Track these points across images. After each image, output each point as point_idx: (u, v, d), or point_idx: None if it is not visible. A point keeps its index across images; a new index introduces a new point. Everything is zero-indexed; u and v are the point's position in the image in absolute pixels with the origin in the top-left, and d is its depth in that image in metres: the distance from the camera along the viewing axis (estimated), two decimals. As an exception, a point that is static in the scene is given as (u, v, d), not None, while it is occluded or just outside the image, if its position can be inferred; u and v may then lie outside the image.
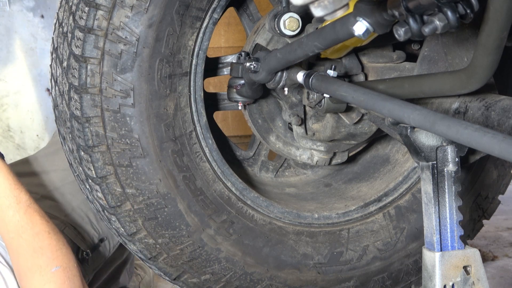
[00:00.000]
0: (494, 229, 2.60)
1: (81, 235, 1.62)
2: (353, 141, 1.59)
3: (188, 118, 1.39)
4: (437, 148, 1.11)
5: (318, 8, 0.75)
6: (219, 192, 1.43)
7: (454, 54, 1.27)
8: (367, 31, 0.90)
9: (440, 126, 0.83)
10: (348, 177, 1.79)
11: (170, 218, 1.37)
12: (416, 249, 1.61)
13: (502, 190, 1.74)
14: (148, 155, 1.33)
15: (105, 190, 1.34)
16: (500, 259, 2.28)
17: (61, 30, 1.35)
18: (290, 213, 1.52)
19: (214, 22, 1.40)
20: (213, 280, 1.46)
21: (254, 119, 1.66)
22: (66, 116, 1.35)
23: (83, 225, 1.63)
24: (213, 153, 1.43)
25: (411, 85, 1.11)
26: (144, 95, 1.31)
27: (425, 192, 1.13)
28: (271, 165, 1.77)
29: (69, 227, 1.60)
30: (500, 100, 1.06)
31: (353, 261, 1.56)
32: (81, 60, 1.29)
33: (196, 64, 1.39)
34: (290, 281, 1.51)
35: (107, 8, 1.27)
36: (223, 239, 1.43)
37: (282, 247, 1.50)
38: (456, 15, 0.80)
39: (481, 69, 0.88)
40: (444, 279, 1.09)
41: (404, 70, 1.51)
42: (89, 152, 1.32)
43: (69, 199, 1.65)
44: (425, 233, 1.13)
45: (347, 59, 1.48)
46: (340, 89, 1.12)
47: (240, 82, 1.47)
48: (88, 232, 1.64)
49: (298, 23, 1.48)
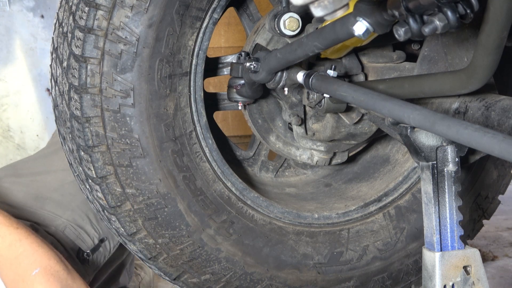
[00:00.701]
0: (494, 229, 2.60)
1: (82, 236, 1.62)
2: (353, 141, 1.59)
3: (188, 118, 1.39)
4: (437, 148, 1.11)
5: (318, 8, 0.75)
6: (219, 192, 1.43)
7: (454, 54, 1.27)
8: (367, 31, 0.90)
9: (440, 126, 0.83)
10: (348, 177, 1.79)
11: (170, 218, 1.37)
12: (416, 249, 1.61)
13: (502, 190, 1.74)
14: (148, 155, 1.33)
15: (105, 190, 1.34)
16: (500, 259, 2.27)
17: (61, 30, 1.35)
18: (290, 213, 1.52)
19: (214, 22, 1.40)
20: (213, 280, 1.46)
21: (254, 119, 1.66)
22: (66, 116, 1.35)
23: (83, 226, 1.63)
24: (213, 153, 1.43)
25: (411, 85, 1.11)
26: (144, 95, 1.31)
27: (425, 192, 1.13)
28: (271, 165, 1.77)
29: (70, 228, 1.60)
30: (500, 100, 1.06)
31: (353, 261, 1.56)
32: (81, 60, 1.29)
33: (196, 64, 1.39)
34: (290, 281, 1.51)
35: (107, 8, 1.27)
36: (223, 239, 1.43)
37: (282, 247, 1.50)
38: (456, 15, 0.80)
39: (481, 69, 0.88)
40: (444, 279, 1.09)
41: (404, 70, 1.51)
42: (89, 152, 1.32)
43: (69, 200, 1.65)
44: (425, 233, 1.13)
45: (347, 59, 1.48)
46: (340, 89, 1.12)
47: (240, 82, 1.47)
48: (89, 232, 1.64)
49: (298, 23, 1.48)
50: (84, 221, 1.64)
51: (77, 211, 1.64)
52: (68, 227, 1.60)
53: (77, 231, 1.61)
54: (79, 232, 1.62)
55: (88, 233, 1.64)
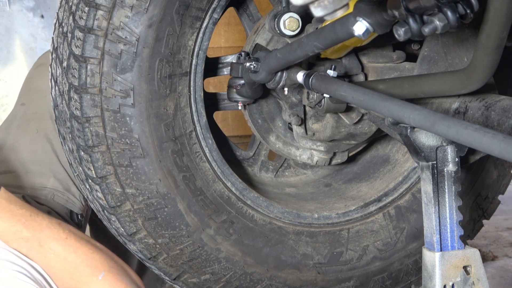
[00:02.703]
0: (494, 229, 2.60)
1: (71, 199, 1.62)
2: (353, 141, 1.59)
3: (188, 118, 1.39)
4: (437, 148, 1.11)
5: (318, 8, 0.75)
6: (219, 192, 1.43)
7: (454, 54, 1.27)
8: (367, 31, 0.90)
9: (440, 126, 0.83)
10: (348, 177, 1.79)
11: (170, 218, 1.37)
12: (416, 249, 1.61)
13: (502, 190, 1.74)
14: (148, 155, 1.33)
15: (105, 190, 1.34)
16: (500, 259, 2.27)
17: (61, 30, 1.35)
18: (290, 213, 1.52)
19: (214, 22, 1.40)
20: (213, 280, 1.46)
21: (254, 119, 1.66)
22: (66, 116, 1.35)
23: (69, 189, 1.63)
24: (213, 153, 1.43)
25: (411, 85, 1.11)
26: (144, 95, 1.31)
27: (425, 192, 1.13)
28: (271, 165, 1.77)
29: (57, 195, 1.60)
30: (500, 100, 1.06)
31: (353, 261, 1.56)
32: (81, 60, 1.29)
33: (196, 64, 1.39)
34: (290, 281, 1.51)
35: (107, 8, 1.27)
36: (223, 239, 1.43)
37: (282, 247, 1.50)
38: (456, 15, 0.80)
39: (481, 69, 0.88)
40: (444, 279, 1.09)
41: (404, 70, 1.51)
42: (89, 152, 1.32)
43: (48, 168, 1.64)
44: (425, 233, 1.13)
45: (347, 59, 1.48)
46: (340, 89, 1.12)
47: (240, 82, 1.47)
48: (75, 194, 1.63)
49: (298, 23, 1.48)
50: (69, 184, 1.63)
51: (58, 177, 1.64)
52: (55, 194, 1.60)
53: (65, 196, 1.62)
54: (67, 197, 1.62)
55: (74, 195, 1.64)
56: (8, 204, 1.23)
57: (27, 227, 1.23)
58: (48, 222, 1.26)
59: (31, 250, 1.24)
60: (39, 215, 1.26)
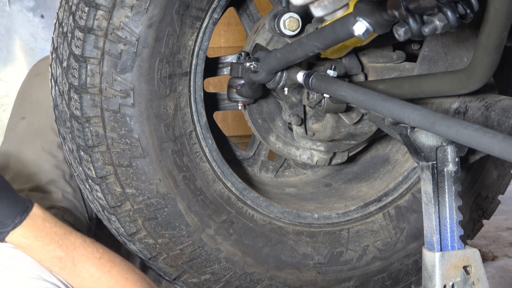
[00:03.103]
0: (494, 229, 2.60)
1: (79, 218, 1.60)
2: (353, 141, 1.59)
3: (188, 118, 1.39)
4: (437, 148, 1.11)
5: (318, 8, 0.75)
6: (219, 192, 1.43)
7: (454, 54, 1.27)
8: (367, 31, 0.90)
9: (440, 126, 0.83)
10: (348, 177, 1.79)
11: (170, 218, 1.37)
12: (416, 249, 1.61)
13: (502, 190, 1.73)
14: (148, 155, 1.33)
15: (105, 190, 1.34)
16: (500, 259, 2.27)
17: (61, 30, 1.35)
18: (290, 213, 1.52)
19: (214, 22, 1.40)
20: (213, 280, 1.46)
21: (254, 119, 1.66)
22: (66, 116, 1.35)
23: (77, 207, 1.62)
24: (213, 153, 1.43)
25: (411, 85, 1.11)
26: (144, 95, 1.31)
27: (425, 192, 1.13)
28: (271, 165, 1.77)
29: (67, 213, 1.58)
30: (500, 100, 1.06)
31: (353, 261, 1.56)
32: (81, 60, 1.29)
33: (196, 64, 1.39)
34: (290, 281, 1.51)
35: (107, 8, 1.27)
36: (223, 239, 1.43)
37: (282, 247, 1.50)
38: (456, 15, 0.80)
39: (481, 69, 0.88)
40: (444, 279, 1.09)
41: (404, 70, 1.51)
42: (89, 152, 1.32)
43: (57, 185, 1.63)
44: (425, 233, 1.13)
45: (347, 59, 1.48)
46: (340, 89, 1.12)
47: (240, 82, 1.47)
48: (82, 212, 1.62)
49: (298, 23, 1.48)
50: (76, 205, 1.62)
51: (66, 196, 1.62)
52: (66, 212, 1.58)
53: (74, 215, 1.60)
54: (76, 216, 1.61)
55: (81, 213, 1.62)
56: (43, 222, 1.20)
57: (61, 246, 1.20)
58: (82, 241, 1.24)
59: (64, 269, 1.21)
60: (72, 234, 1.23)
